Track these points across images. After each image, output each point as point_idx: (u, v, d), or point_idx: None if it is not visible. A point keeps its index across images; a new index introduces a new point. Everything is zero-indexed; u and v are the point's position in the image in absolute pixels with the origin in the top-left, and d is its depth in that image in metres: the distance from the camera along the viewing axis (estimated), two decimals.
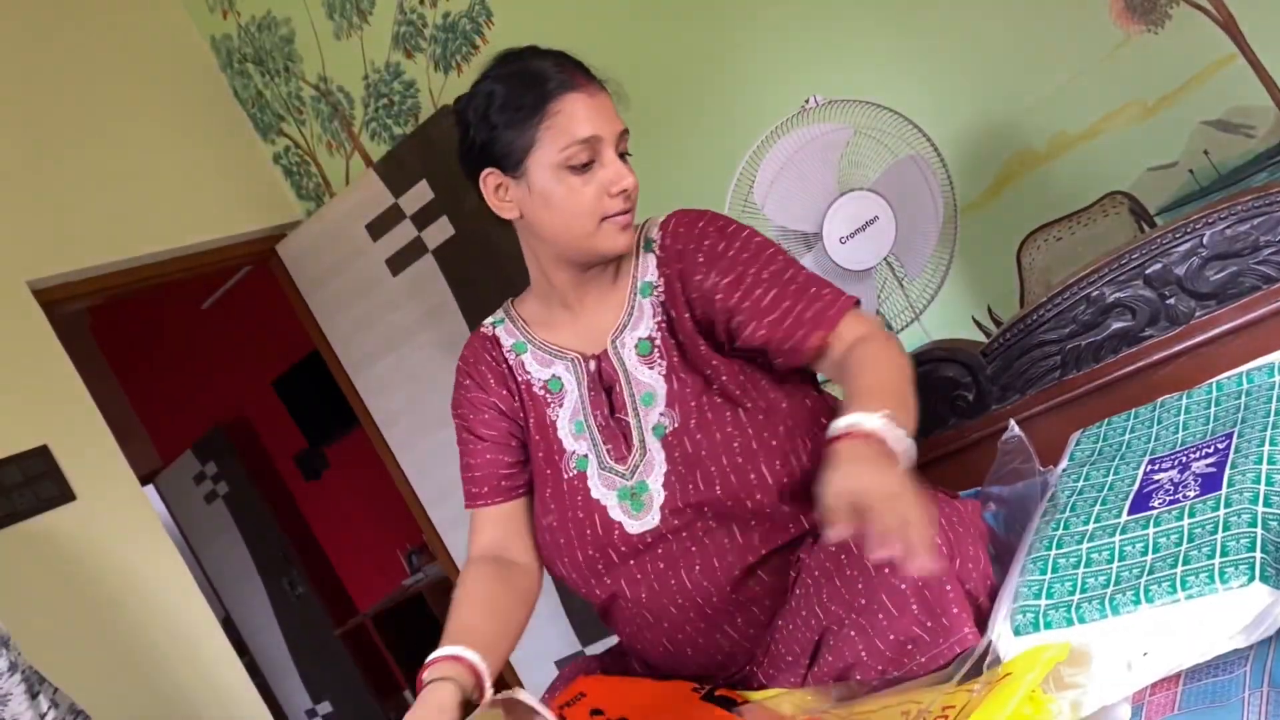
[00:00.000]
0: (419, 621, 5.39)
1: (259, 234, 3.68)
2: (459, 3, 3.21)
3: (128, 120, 3.45)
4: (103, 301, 3.46)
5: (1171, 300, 1.49)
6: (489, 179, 1.32)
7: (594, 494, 1.30)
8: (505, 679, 3.65)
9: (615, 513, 1.29)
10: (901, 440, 1.07)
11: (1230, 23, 2.24)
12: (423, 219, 3.41)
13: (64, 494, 2.79)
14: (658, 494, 1.27)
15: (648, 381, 1.31)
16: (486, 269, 3.32)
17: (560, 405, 1.35)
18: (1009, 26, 2.45)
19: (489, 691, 1.18)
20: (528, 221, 1.32)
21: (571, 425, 1.34)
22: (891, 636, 1.10)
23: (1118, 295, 1.52)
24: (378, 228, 3.49)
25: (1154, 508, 1.07)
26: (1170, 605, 0.94)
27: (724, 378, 1.29)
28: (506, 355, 1.40)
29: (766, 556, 1.26)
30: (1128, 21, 2.34)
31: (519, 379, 1.38)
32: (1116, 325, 1.53)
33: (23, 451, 2.76)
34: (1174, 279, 1.48)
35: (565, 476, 1.33)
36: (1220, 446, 1.11)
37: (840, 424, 1.08)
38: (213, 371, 6.03)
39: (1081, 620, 0.99)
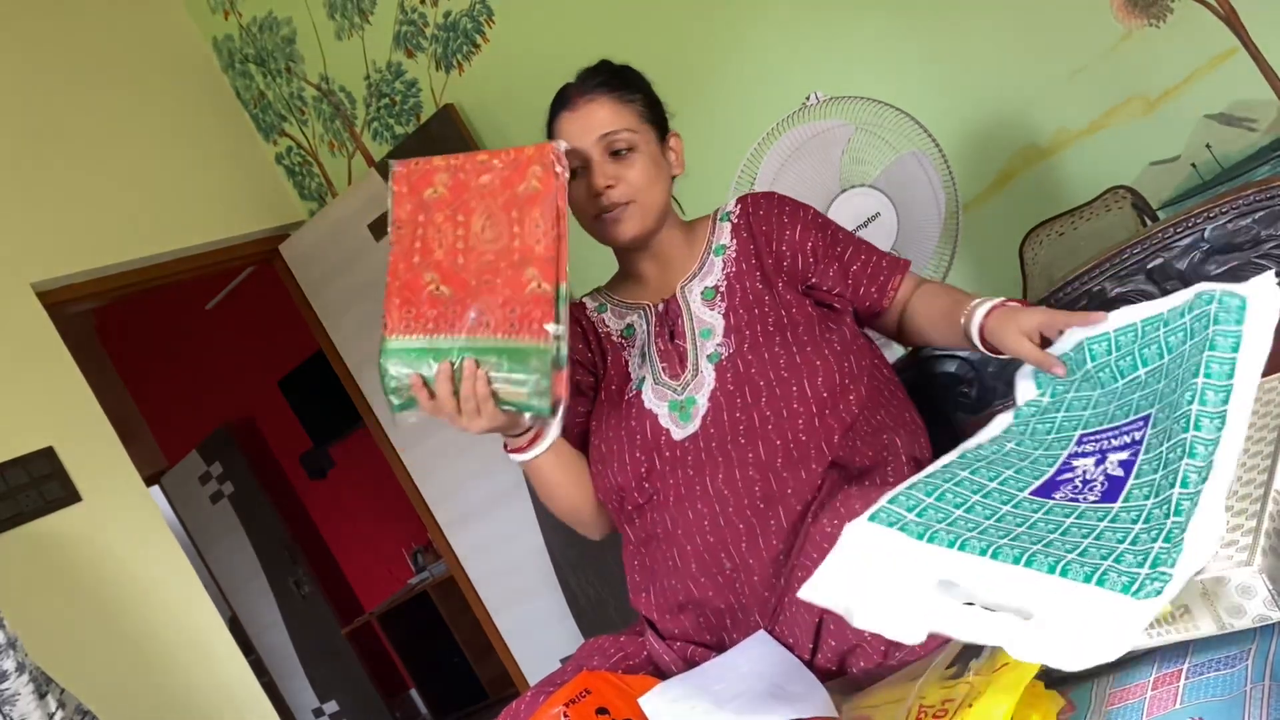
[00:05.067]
0: (425, 620, 5.40)
1: (262, 234, 3.69)
2: (460, 2, 3.21)
3: (130, 122, 3.46)
4: (107, 303, 3.47)
5: None
6: None
7: (647, 405, 1.45)
8: (509, 676, 3.66)
9: (664, 420, 1.43)
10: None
11: (1232, 16, 2.23)
12: None
13: (69, 495, 2.80)
14: (703, 406, 1.42)
15: (708, 320, 1.49)
16: None
17: (633, 347, 1.54)
18: (1010, 23, 2.45)
19: None
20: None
21: (638, 357, 1.52)
22: None
23: (1119, 290, 1.51)
24: (381, 227, 3.50)
25: (1053, 498, 1.09)
26: (1007, 567, 0.97)
27: (794, 310, 1.46)
28: (589, 314, 1.60)
29: (785, 497, 1.34)
30: (1129, 16, 2.34)
31: (599, 332, 1.57)
32: None
33: (28, 453, 2.77)
34: (1175, 274, 1.48)
35: (625, 398, 1.49)
36: (1137, 437, 1.12)
37: (976, 313, 1.36)
38: (217, 372, 6.05)
39: (930, 541, 1.02)
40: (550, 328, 1.25)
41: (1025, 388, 1.30)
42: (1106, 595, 0.90)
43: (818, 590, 1.04)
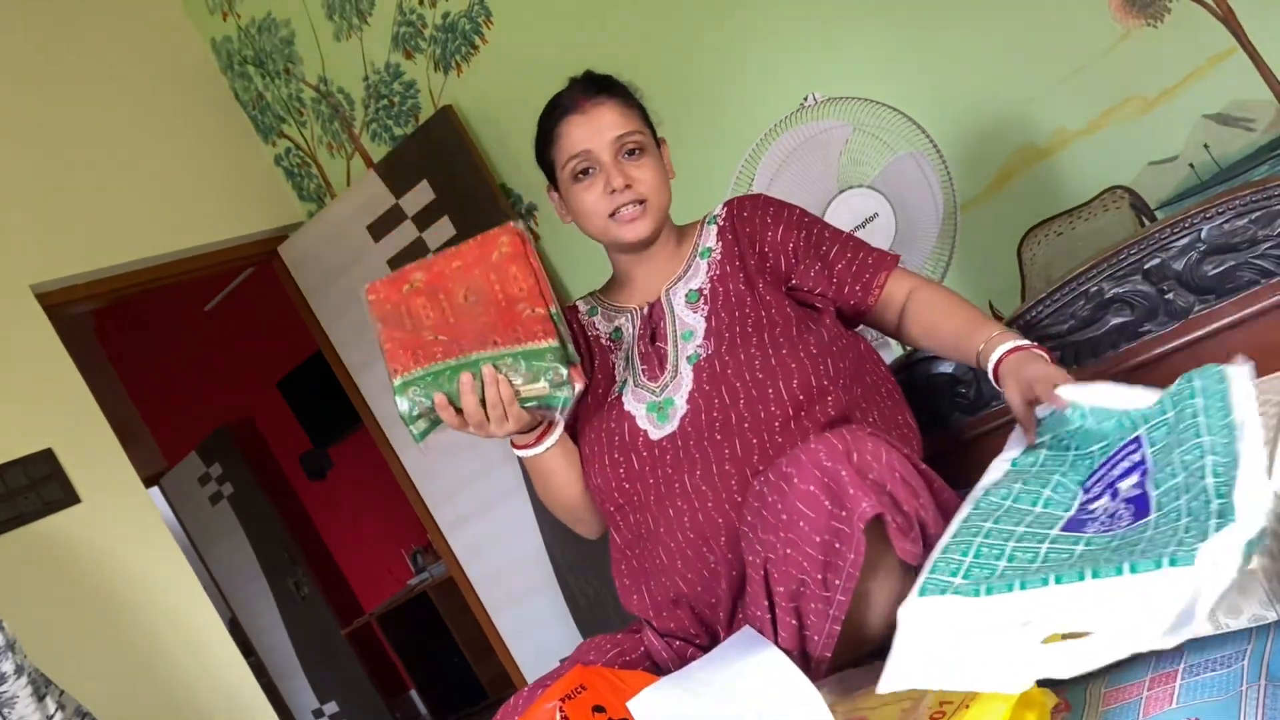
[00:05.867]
0: (424, 621, 5.40)
1: (261, 236, 3.68)
2: (458, 3, 3.21)
3: (129, 123, 3.46)
4: (106, 304, 3.46)
5: (1170, 295, 1.49)
6: (551, 195, 1.61)
7: (626, 407, 1.48)
8: (509, 676, 3.66)
9: (642, 422, 1.46)
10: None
11: (1230, 16, 2.23)
12: (424, 219, 3.41)
13: (68, 497, 2.80)
14: (681, 408, 1.45)
15: (690, 322, 1.52)
16: None
17: (620, 350, 1.58)
18: (1008, 22, 2.45)
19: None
20: (574, 223, 1.58)
21: (622, 360, 1.56)
22: (817, 538, 1.17)
23: (1116, 290, 1.51)
24: (379, 229, 3.50)
25: (1086, 533, 1.09)
26: (1076, 585, 0.95)
27: (773, 310, 1.48)
28: (581, 318, 1.64)
29: None
30: (1127, 16, 2.34)
31: (589, 335, 1.62)
32: (1115, 320, 1.53)
33: (27, 455, 2.77)
34: (1172, 274, 1.48)
35: (608, 400, 1.52)
36: (1136, 459, 1.12)
37: (997, 348, 1.36)
38: (216, 373, 6.04)
39: (989, 593, 1.01)
40: (552, 324, 1.35)
41: (1012, 453, 1.32)
42: (1185, 570, 0.89)
43: (896, 678, 1.03)
